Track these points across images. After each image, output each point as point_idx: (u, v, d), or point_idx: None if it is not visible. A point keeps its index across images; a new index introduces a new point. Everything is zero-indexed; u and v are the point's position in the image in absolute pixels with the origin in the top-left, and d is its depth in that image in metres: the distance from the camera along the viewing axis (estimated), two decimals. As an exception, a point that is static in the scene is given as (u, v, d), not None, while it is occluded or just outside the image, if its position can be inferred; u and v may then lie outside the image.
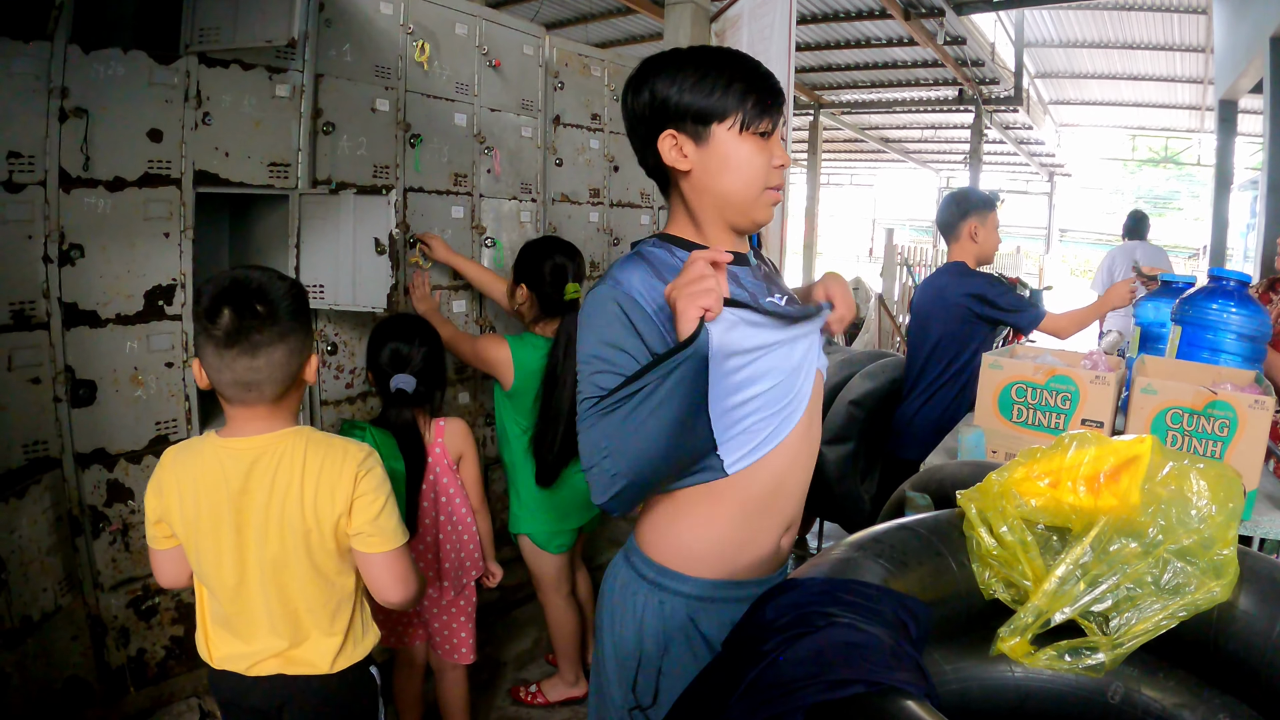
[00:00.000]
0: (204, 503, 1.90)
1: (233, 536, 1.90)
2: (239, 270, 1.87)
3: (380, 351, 2.78)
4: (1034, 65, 14.50)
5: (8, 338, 2.62)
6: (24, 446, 2.69)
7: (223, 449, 1.90)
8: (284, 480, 1.89)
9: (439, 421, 2.85)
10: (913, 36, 10.47)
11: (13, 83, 2.56)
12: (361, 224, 3.18)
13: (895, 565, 1.45)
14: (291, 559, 1.92)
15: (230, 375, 1.82)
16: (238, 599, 1.95)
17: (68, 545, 2.80)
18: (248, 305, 1.80)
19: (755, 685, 1.17)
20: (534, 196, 4.34)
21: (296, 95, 3.24)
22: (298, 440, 1.92)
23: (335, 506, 1.90)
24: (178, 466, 1.93)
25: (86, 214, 2.74)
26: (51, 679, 2.79)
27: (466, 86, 3.92)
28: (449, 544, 2.84)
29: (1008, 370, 2.91)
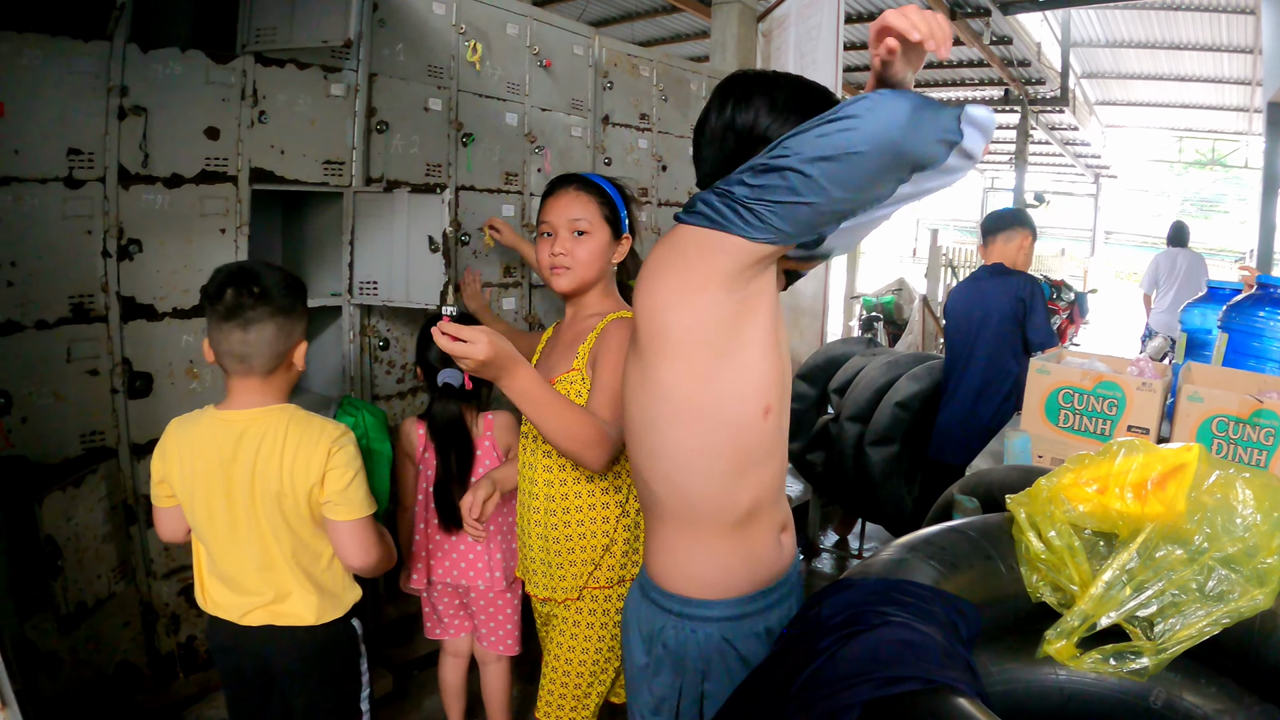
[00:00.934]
0: (199, 467, 2.09)
1: (223, 498, 2.09)
2: (244, 261, 2.18)
3: (429, 347, 2.77)
4: (1080, 65, 14.28)
5: (67, 330, 2.65)
6: (81, 436, 2.72)
7: (217, 420, 2.10)
8: (267, 450, 2.07)
9: (487, 415, 2.84)
10: (959, 36, 10.34)
11: (73, 81, 2.59)
12: (415, 222, 3.18)
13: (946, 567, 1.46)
14: (271, 521, 2.10)
15: (226, 346, 2.04)
16: (227, 554, 2.13)
17: (122, 533, 2.81)
18: (245, 286, 2.03)
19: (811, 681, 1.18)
20: (584, 195, 4.28)
21: (351, 94, 3.25)
22: (282, 416, 2.10)
23: (309, 476, 2.07)
24: (179, 435, 2.12)
25: (145, 210, 2.76)
26: (103, 663, 2.83)
27: (518, 86, 3.92)
28: (500, 535, 2.83)
29: (1055, 375, 2.87)
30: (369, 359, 3.47)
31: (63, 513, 2.57)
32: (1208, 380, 2.82)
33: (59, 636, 2.65)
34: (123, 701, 2.88)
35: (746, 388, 1.50)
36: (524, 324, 4.04)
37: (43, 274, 2.59)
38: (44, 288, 2.60)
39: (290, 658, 2.20)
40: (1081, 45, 13.23)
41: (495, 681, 3.01)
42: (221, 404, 2.12)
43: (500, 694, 3.02)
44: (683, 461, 1.54)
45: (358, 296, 3.36)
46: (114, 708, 2.85)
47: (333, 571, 2.22)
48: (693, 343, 1.45)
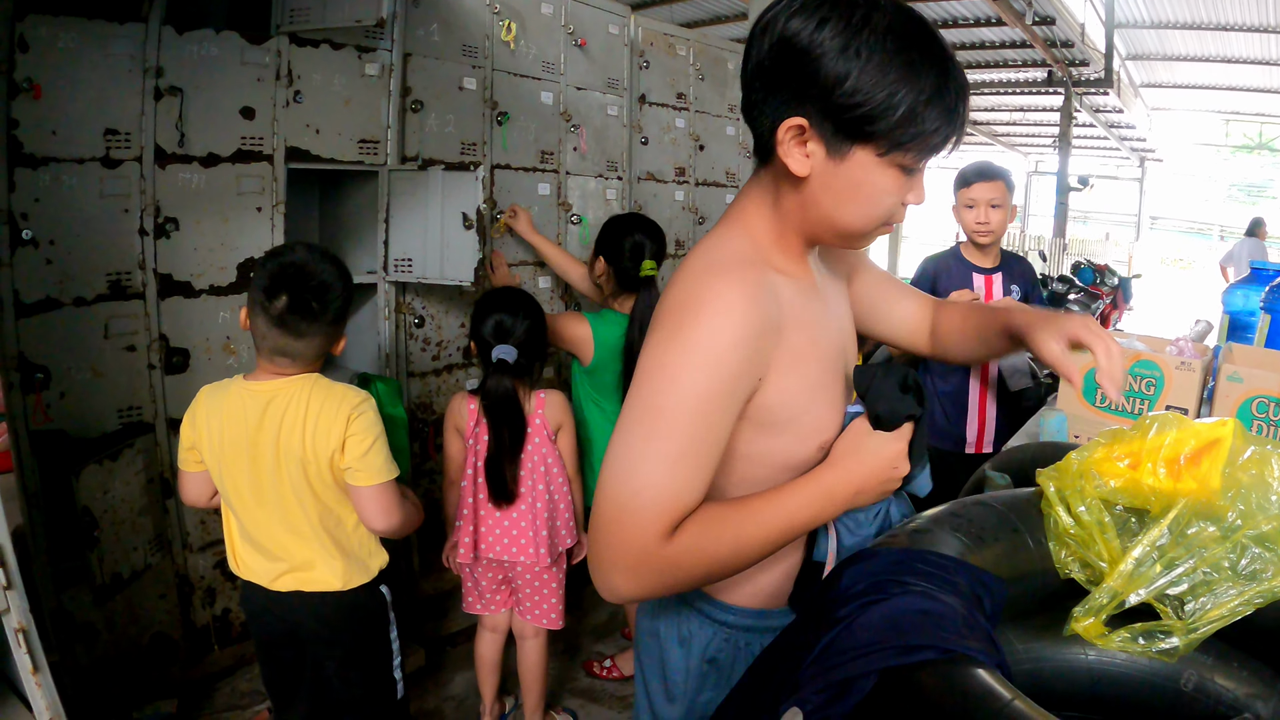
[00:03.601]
0: (227, 435, 2.10)
1: (249, 465, 2.10)
2: (303, 253, 2.09)
3: (484, 322, 2.75)
4: (1125, 47, 13.97)
5: (105, 307, 2.66)
6: (119, 411, 2.73)
7: (245, 390, 2.11)
8: (291, 419, 2.08)
9: (539, 393, 2.82)
10: (1000, 16, 10.14)
11: (109, 63, 2.58)
12: (450, 199, 3.16)
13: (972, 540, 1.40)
14: (297, 488, 2.12)
15: (271, 344, 2.05)
16: (256, 521, 2.15)
17: (158, 506, 2.83)
18: (304, 299, 2.02)
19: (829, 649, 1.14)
20: (620, 174, 4.28)
21: (385, 74, 3.21)
22: (305, 384, 2.10)
23: (330, 443, 2.08)
24: (209, 402, 2.13)
25: (181, 189, 2.76)
26: (138, 635, 2.84)
27: (553, 65, 3.87)
28: (547, 513, 2.81)
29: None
30: (404, 335, 3.45)
31: (100, 485, 2.58)
32: (1249, 361, 2.73)
33: (95, 608, 2.66)
34: (157, 673, 2.89)
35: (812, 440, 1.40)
36: (559, 304, 4.02)
37: (81, 252, 2.59)
38: (82, 265, 2.60)
39: (318, 622, 2.22)
40: (1126, 26, 12.94)
41: (533, 655, 3.00)
42: (250, 375, 2.14)
43: (537, 668, 3.01)
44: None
45: (393, 274, 3.34)
46: (149, 679, 2.86)
47: (358, 536, 2.24)
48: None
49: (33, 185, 2.48)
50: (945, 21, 11.54)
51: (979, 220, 3.26)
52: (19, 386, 2.51)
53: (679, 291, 1.23)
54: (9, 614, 1.83)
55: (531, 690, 3.03)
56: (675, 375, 1.16)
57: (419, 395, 3.53)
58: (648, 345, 1.21)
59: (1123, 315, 11.54)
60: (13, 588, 1.82)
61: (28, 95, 2.43)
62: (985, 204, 3.25)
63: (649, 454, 1.16)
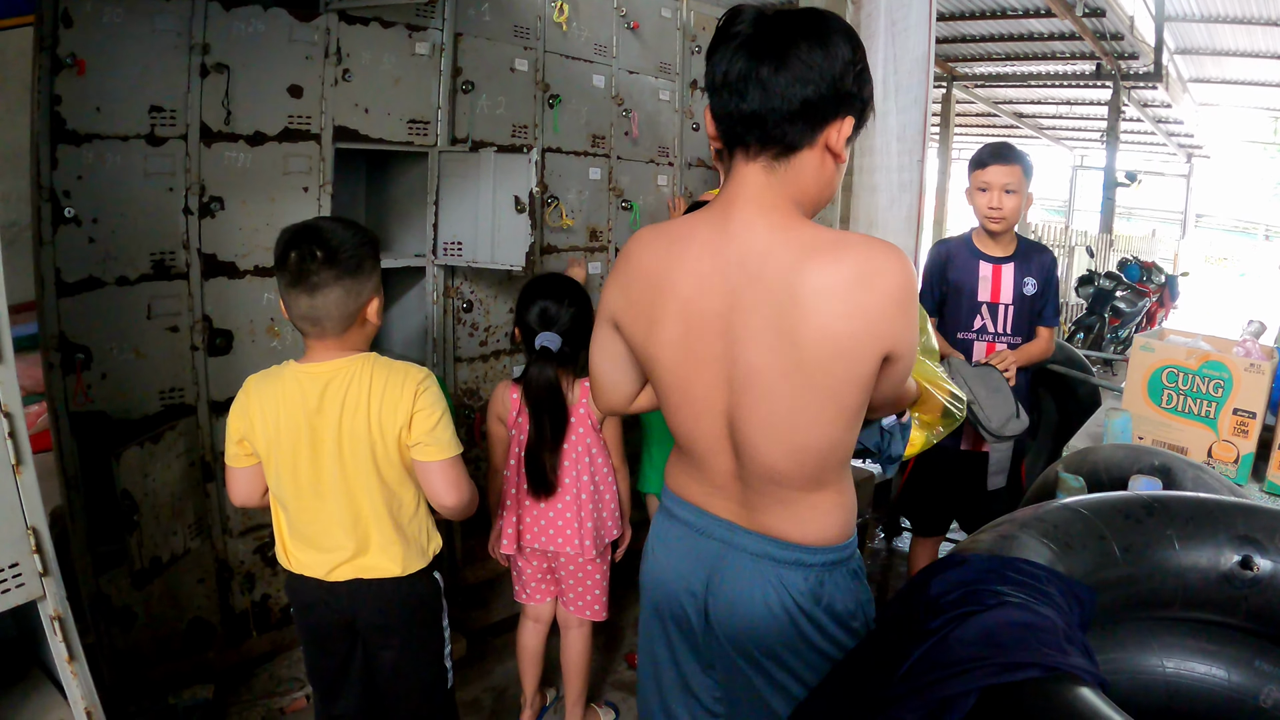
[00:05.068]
0: (284, 422, 2.01)
1: (309, 451, 2.01)
2: (312, 219, 2.05)
3: (529, 309, 2.66)
4: (1173, 41, 13.56)
5: (148, 287, 2.58)
6: (160, 393, 2.65)
7: (301, 373, 2.02)
8: (354, 398, 2.00)
9: (584, 382, 2.71)
10: (1050, 8, 9.88)
11: (155, 39, 2.49)
12: (502, 182, 3.05)
13: (1060, 547, 1.38)
14: (361, 469, 2.03)
15: (296, 310, 1.97)
16: (312, 509, 2.05)
17: (199, 490, 2.75)
18: (309, 250, 1.93)
19: (921, 663, 1.11)
20: (670, 160, 4.15)
21: (436, 53, 3.10)
22: (365, 364, 2.03)
23: (397, 420, 2.01)
24: (260, 391, 2.04)
25: (227, 167, 2.67)
26: (176, 619, 2.77)
27: (605, 48, 3.74)
28: (591, 504, 2.71)
29: (1159, 354, 2.68)
30: (451, 320, 3.34)
31: (140, 468, 2.50)
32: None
33: (133, 591, 2.58)
34: (195, 658, 2.81)
35: None
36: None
37: (124, 231, 2.51)
38: (125, 244, 2.52)
39: (376, 611, 2.14)
40: (1175, 20, 12.57)
41: (576, 645, 2.90)
42: (302, 359, 2.05)
43: (580, 658, 2.91)
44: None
45: (442, 257, 3.23)
46: (186, 663, 2.79)
47: (418, 520, 2.16)
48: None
49: (76, 163, 2.40)
50: (994, 12, 11.24)
51: (991, 205, 3.06)
52: (59, 366, 2.43)
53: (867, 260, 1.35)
54: (45, 601, 1.76)
55: (574, 682, 2.93)
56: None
57: (466, 381, 3.42)
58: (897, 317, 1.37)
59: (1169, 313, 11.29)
60: (49, 574, 1.75)
61: (71, 71, 2.34)
62: (999, 188, 3.05)
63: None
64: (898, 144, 5.19)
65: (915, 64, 4.89)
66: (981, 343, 3.16)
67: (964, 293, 3.16)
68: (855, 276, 1.33)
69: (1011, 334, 3.15)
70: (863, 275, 1.33)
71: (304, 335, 2.02)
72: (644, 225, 3.81)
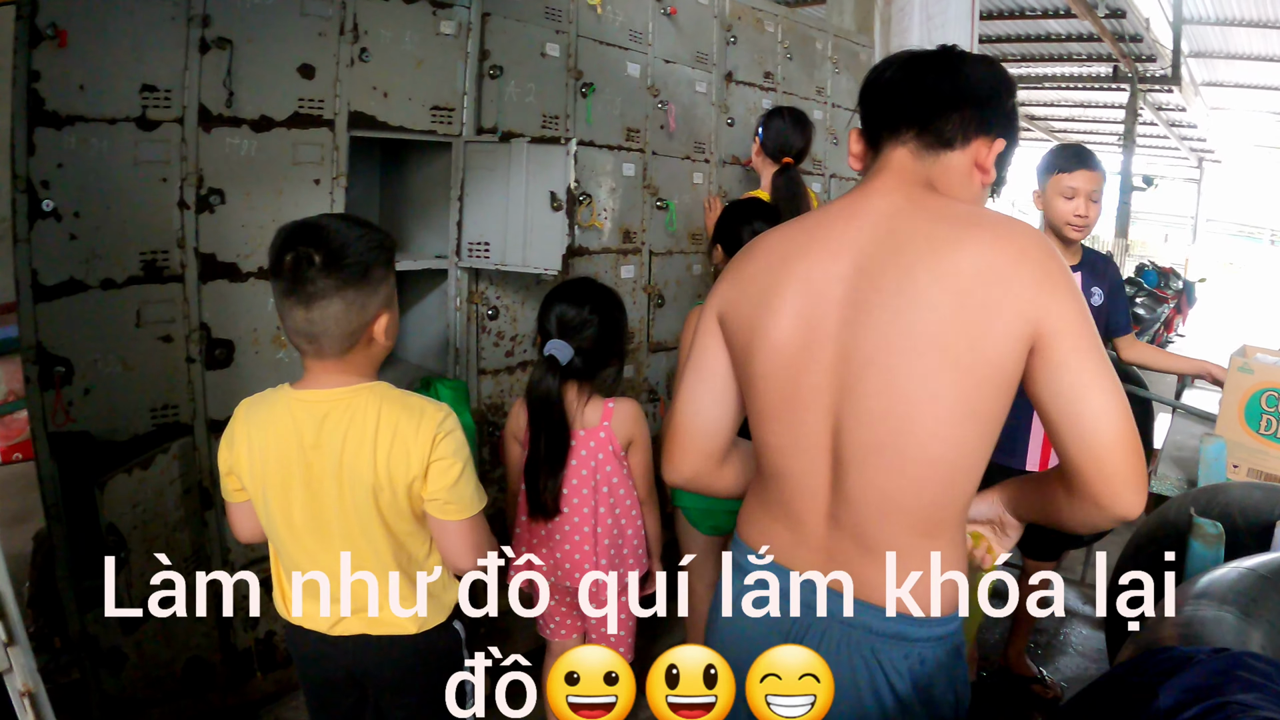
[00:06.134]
0: (272, 454, 1.72)
1: (303, 490, 1.72)
2: (316, 216, 1.73)
3: (547, 312, 2.39)
4: (1187, 44, 13.39)
5: (137, 290, 2.31)
6: (152, 410, 2.38)
7: (295, 400, 1.72)
8: (357, 437, 1.70)
9: (609, 403, 2.42)
10: (1070, 8, 9.68)
11: (148, 9, 2.21)
12: (535, 176, 2.78)
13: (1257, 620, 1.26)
14: (365, 517, 1.74)
15: (291, 324, 1.67)
16: (311, 554, 1.77)
17: (196, 519, 2.47)
18: (305, 253, 1.62)
19: None
20: (706, 157, 3.88)
21: (462, 33, 2.83)
22: (372, 396, 1.73)
23: (410, 468, 1.71)
24: (250, 418, 1.76)
25: (228, 156, 2.40)
26: (171, 660, 2.49)
27: (640, 35, 3.47)
28: (607, 538, 2.43)
29: (1259, 375, 2.45)
30: (476, 328, 3.06)
31: (129, 497, 2.23)
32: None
33: (122, 634, 2.31)
34: (195, 700, 2.54)
35: None
36: (642, 295, 3.63)
37: (111, 227, 2.23)
38: (112, 242, 2.24)
39: (388, 670, 1.86)
40: (1191, 22, 12.37)
41: None
42: (298, 383, 1.74)
43: (606, 697, 2.61)
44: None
45: (466, 259, 2.95)
46: (185, 707, 2.52)
47: (430, 570, 1.86)
48: None
49: (56, 148, 2.11)
50: (1013, 12, 11.06)
51: (1078, 213, 2.81)
52: (37, 381, 2.14)
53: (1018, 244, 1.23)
54: (11, 674, 1.49)
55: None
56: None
57: (490, 395, 3.14)
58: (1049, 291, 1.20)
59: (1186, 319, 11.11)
60: (15, 644, 1.48)
61: (52, 43, 2.06)
62: (1086, 195, 2.81)
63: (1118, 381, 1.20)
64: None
65: (959, 57, 4.62)
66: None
67: None
68: (994, 242, 1.22)
69: None
70: (1005, 244, 1.22)
71: (301, 354, 1.73)
72: (679, 226, 3.57)
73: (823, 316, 1.29)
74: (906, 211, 1.29)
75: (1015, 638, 3.26)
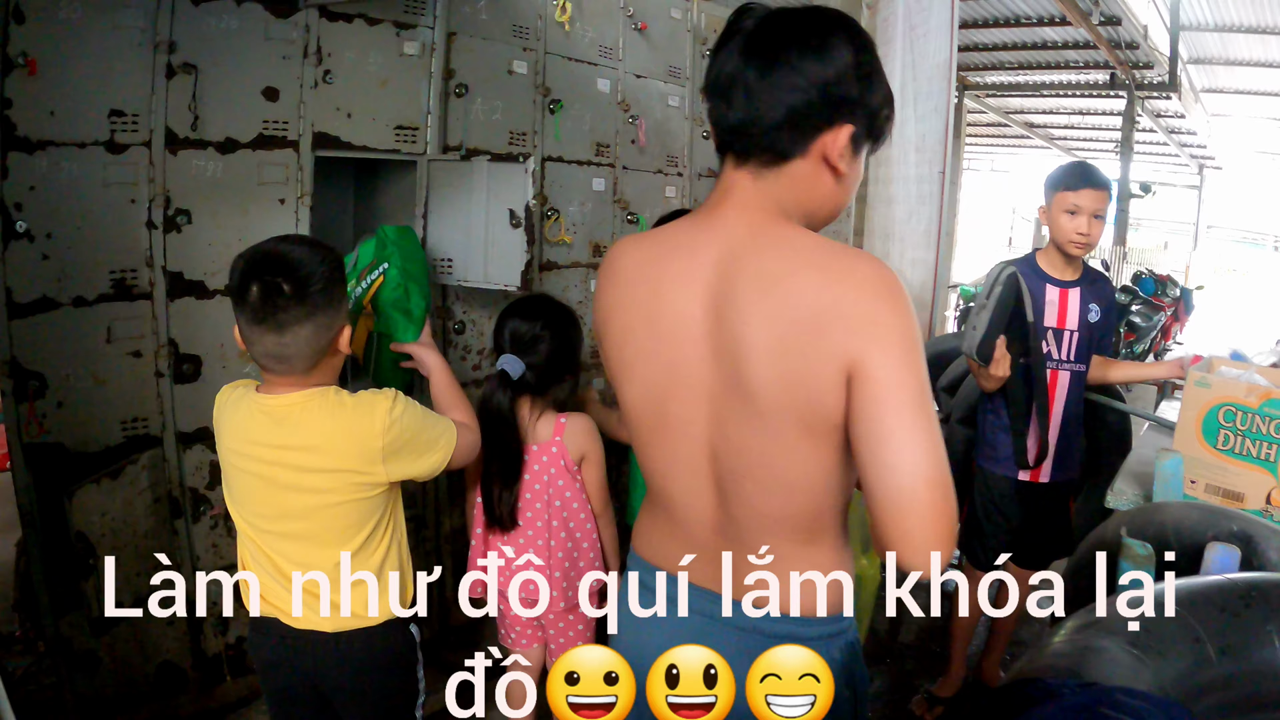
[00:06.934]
0: (242, 450, 1.85)
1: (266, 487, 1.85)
2: (272, 242, 1.83)
3: (501, 328, 2.44)
4: (1186, 50, 13.34)
5: (108, 308, 2.36)
6: (122, 423, 2.43)
7: (256, 405, 1.84)
8: (318, 434, 1.81)
9: (560, 418, 2.46)
10: (1065, 15, 9.68)
11: (117, 36, 2.27)
12: (496, 194, 2.81)
13: (1150, 654, 1.22)
14: (324, 513, 1.85)
15: (260, 349, 1.78)
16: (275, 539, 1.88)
17: (166, 528, 2.52)
18: (274, 284, 1.73)
19: None
20: (680, 170, 3.92)
21: (426, 54, 2.87)
22: (325, 398, 1.83)
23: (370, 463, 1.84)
24: (222, 403, 1.91)
25: (195, 177, 2.44)
26: (143, 664, 2.54)
27: (610, 50, 3.51)
28: (561, 552, 2.47)
29: (1216, 390, 2.42)
30: (441, 343, 3.09)
31: (98, 507, 2.29)
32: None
33: (94, 637, 2.37)
34: (164, 704, 2.59)
35: None
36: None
37: (81, 247, 2.29)
38: (83, 261, 2.30)
39: (344, 668, 1.92)
40: (1189, 29, 12.34)
41: None
42: (261, 387, 1.87)
43: (569, 710, 2.66)
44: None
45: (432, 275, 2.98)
46: (155, 710, 2.56)
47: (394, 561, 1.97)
48: None
49: (28, 172, 2.17)
50: (1008, 20, 11.04)
51: (1080, 230, 2.85)
52: (11, 395, 2.20)
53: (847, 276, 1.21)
54: None
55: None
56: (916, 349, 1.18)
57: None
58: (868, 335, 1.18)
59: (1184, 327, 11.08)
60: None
61: (23, 71, 2.11)
62: (1090, 213, 2.85)
63: (934, 430, 1.16)
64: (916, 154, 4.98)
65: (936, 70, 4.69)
66: (1045, 369, 2.94)
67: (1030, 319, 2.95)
68: (820, 282, 1.20)
69: (1075, 360, 2.97)
70: (831, 284, 1.19)
71: (265, 370, 1.84)
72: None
73: (682, 358, 1.31)
74: (745, 246, 1.27)
75: (991, 649, 3.29)
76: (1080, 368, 2.98)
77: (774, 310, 1.20)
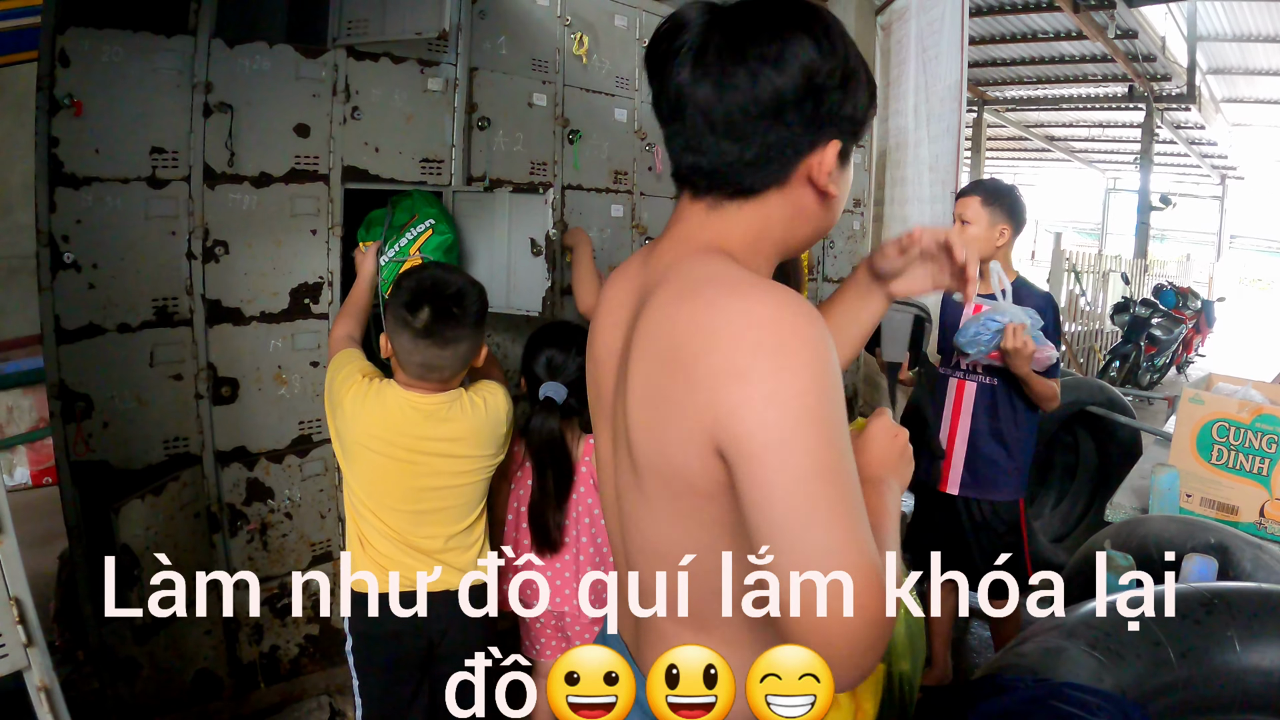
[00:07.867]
0: (384, 437, 2.13)
1: (407, 473, 2.15)
2: (436, 270, 2.20)
3: (535, 358, 2.52)
4: (1205, 61, 13.25)
5: (150, 334, 2.48)
6: (164, 442, 2.54)
7: (405, 400, 2.13)
8: (456, 432, 2.17)
9: (588, 438, 2.56)
10: (1081, 30, 9.71)
11: (156, 78, 2.40)
12: (517, 223, 2.92)
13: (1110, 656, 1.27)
14: (460, 487, 2.22)
15: (420, 359, 2.09)
16: (405, 519, 2.17)
17: (204, 542, 2.64)
18: (446, 307, 2.06)
19: None
20: (694, 196, 3.98)
21: (449, 89, 2.98)
22: (462, 399, 2.19)
23: (500, 445, 2.27)
24: (365, 397, 2.13)
25: (231, 210, 2.57)
26: (181, 671, 2.66)
27: (627, 80, 3.61)
28: (591, 565, 2.56)
29: (1210, 406, 2.50)
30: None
31: (141, 521, 2.38)
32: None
33: (136, 645, 2.49)
34: (200, 710, 2.70)
35: None
36: None
37: (125, 276, 2.41)
38: (126, 290, 2.42)
39: (468, 622, 2.22)
40: (1207, 39, 12.28)
41: None
42: (409, 387, 2.15)
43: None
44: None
45: (457, 301, 3.09)
46: (191, 716, 2.67)
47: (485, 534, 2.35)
48: None
49: (74, 206, 2.30)
50: (1025, 35, 11.10)
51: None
52: (60, 415, 2.33)
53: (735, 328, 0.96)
54: (30, 671, 1.67)
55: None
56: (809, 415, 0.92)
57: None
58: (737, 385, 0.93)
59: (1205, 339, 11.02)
60: (34, 645, 1.66)
61: (69, 112, 2.25)
62: (957, 219, 2.91)
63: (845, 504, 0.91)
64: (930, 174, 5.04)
65: (947, 91, 4.75)
66: (954, 379, 3.02)
67: (946, 329, 3.02)
68: (691, 316, 0.99)
69: (983, 373, 2.95)
70: (701, 319, 0.98)
71: (416, 377, 2.12)
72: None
73: (602, 394, 1.22)
74: (658, 277, 1.09)
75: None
76: (990, 380, 2.94)
77: (646, 347, 1.04)
